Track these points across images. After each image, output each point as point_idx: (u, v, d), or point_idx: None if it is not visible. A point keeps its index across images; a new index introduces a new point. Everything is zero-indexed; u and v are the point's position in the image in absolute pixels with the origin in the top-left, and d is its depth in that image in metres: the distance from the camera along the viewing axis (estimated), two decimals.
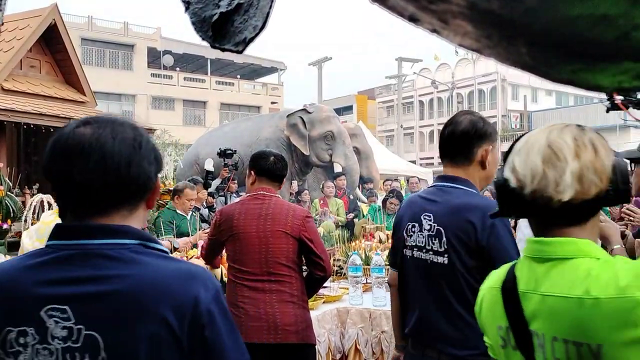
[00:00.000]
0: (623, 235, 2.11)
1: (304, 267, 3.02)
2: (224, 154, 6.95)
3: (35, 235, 3.06)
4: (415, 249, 2.15)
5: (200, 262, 3.35)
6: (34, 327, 1.00)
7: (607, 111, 1.35)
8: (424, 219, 2.13)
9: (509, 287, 1.24)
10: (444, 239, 2.03)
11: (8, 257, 3.90)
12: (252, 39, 0.80)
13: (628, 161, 2.31)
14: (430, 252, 2.08)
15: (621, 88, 0.49)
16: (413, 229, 2.17)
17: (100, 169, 1.03)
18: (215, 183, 7.70)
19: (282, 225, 2.86)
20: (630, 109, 1.32)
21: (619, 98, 1.26)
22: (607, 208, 7.12)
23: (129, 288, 1.00)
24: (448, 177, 2.15)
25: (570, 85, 0.51)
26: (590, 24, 0.41)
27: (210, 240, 3.13)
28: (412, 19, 0.49)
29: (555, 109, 38.89)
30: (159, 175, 1.14)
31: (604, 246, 2.08)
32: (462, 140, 2.07)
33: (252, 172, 3.03)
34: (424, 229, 2.12)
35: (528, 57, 0.49)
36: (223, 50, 0.87)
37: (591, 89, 0.50)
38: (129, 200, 1.08)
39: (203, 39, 0.91)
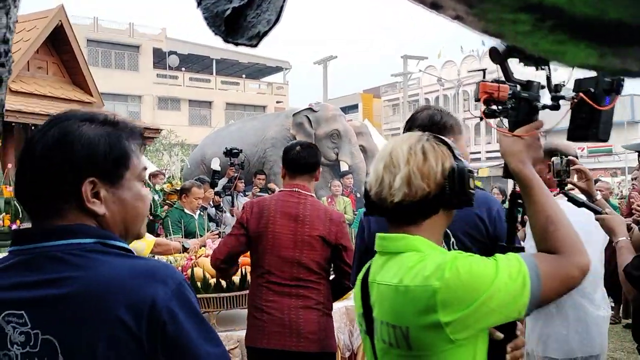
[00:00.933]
0: (629, 228, 2.10)
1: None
2: (230, 153, 6.96)
3: None
4: None
5: (207, 262, 3.35)
6: None
7: (481, 120, 1.39)
8: None
9: (364, 278, 1.39)
10: (452, 239, 1.86)
11: None
12: (266, 33, 0.80)
13: (637, 152, 2.28)
14: None
15: None
16: None
17: (21, 175, 1.06)
18: (222, 182, 7.71)
19: (319, 231, 2.72)
20: (495, 121, 1.37)
21: (484, 109, 1.31)
22: (616, 203, 7.07)
23: (82, 290, 0.97)
24: None
25: (597, 71, 0.50)
26: (621, 7, 0.40)
27: (234, 237, 2.81)
28: (434, 6, 0.49)
29: (563, 105, 38.63)
30: (89, 179, 1.05)
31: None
32: None
33: (283, 166, 2.93)
34: None
35: (556, 42, 0.48)
36: (237, 44, 0.87)
37: (619, 74, 0.50)
38: (52, 207, 1.05)
39: (216, 34, 0.90)
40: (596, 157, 30.24)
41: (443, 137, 1.39)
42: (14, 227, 6.68)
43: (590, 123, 1.28)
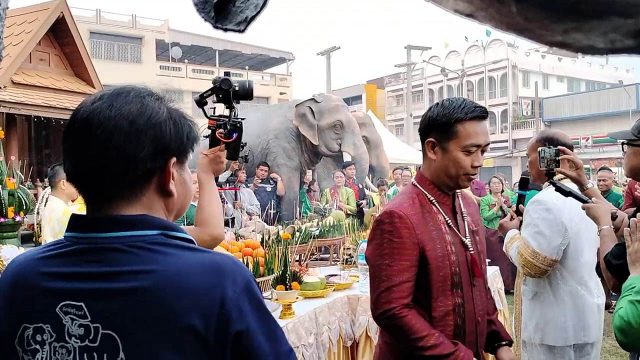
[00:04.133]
0: (614, 217, 2.10)
1: None
2: None
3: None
4: None
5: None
6: (50, 324, 0.95)
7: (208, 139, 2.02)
8: None
9: None
10: None
11: (22, 250, 3.95)
12: (253, 18, 0.80)
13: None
14: None
15: (615, 49, 0.48)
16: None
17: (87, 151, 0.97)
18: (225, 175, 7.70)
19: None
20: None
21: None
22: (621, 192, 7.06)
23: (147, 286, 0.92)
24: None
25: (565, 48, 0.50)
26: None
27: None
28: None
29: (567, 96, 38.52)
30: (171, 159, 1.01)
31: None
32: None
33: None
34: None
35: (520, 17, 0.48)
36: (225, 30, 0.87)
37: (586, 51, 0.50)
38: (125, 187, 0.99)
39: (205, 20, 0.90)
40: (601, 147, 30.14)
41: None
42: (17, 219, 6.72)
43: (227, 148, 1.98)
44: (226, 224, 4.48)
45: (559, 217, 2.47)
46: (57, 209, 4.25)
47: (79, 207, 3.31)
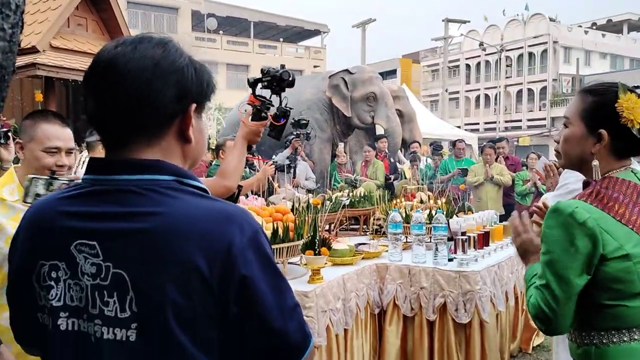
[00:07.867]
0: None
1: None
2: (297, 124, 6.67)
3: None
4: None
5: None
6: (65, 261, 0.98)
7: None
8: None
9: None
10: None
11: None
12: None
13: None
14: None
15: None
16: None
17: (110, 92, 0.97)
18: (285, 153, 7.54)
19: None
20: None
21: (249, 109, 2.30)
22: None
23: (157, 227, 0.93)
24: None
25: None
26: None
27: None
28: None
29: (609, 73, 37.23)
30: (190, 106, 1.01)
31: None
32: None
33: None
34: None
35: None
36: None
37: None
38: (146, 129, 0.99)
39: None
40: None
41: None
42: None
43: (272, 129, 2.36)
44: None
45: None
46: None
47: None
